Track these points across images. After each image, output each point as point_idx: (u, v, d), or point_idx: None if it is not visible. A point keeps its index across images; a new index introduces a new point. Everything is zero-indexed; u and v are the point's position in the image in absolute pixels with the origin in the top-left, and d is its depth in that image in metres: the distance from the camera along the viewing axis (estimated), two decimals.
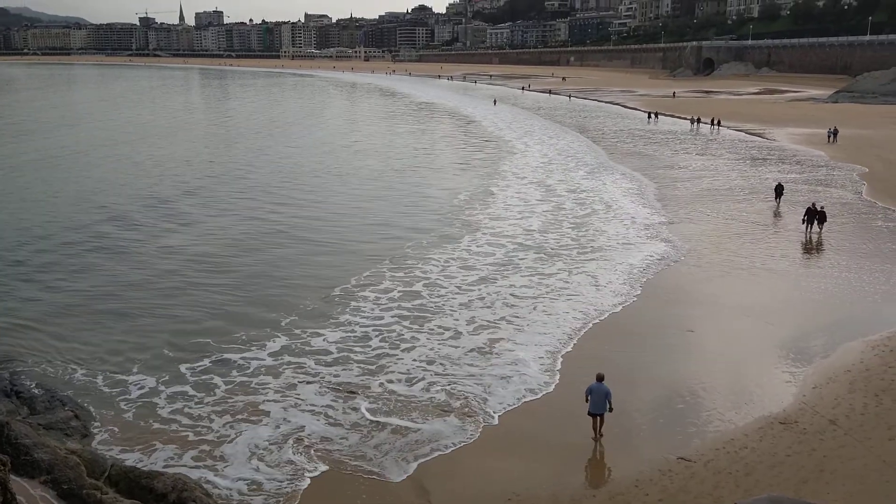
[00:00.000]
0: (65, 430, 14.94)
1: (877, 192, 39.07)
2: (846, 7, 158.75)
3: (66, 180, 45.70)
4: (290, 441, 15.00)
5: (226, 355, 19.18)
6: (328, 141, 69.09)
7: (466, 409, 16.29)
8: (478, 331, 20.91)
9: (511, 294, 23.97)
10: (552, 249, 29.44)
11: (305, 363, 18.80)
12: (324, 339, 20.33)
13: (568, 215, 35.62)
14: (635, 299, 23.36)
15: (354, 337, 20.51)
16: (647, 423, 15.68)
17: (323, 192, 42.60)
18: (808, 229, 30.42)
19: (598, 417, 14.91)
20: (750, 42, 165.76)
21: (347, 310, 22.60)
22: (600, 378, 14.95)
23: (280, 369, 18.42)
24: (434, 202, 39.39)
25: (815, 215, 30.35)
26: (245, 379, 17.89)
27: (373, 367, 18.48)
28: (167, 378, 17.86)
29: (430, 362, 18.83)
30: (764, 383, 17.30)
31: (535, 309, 22.61)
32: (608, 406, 14.78)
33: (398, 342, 20.13)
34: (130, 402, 16.66)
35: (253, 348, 19.69)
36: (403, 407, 16.44)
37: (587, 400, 14.97)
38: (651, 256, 27.89)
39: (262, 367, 18.53)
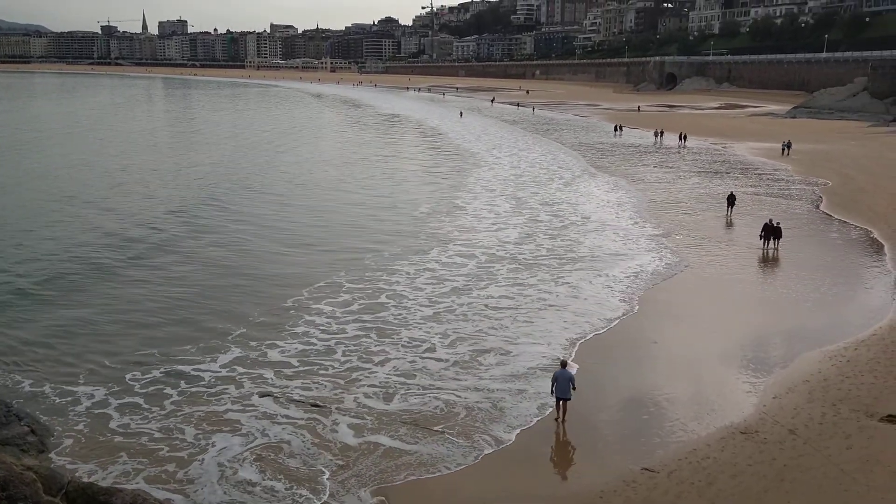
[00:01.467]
0: (21, 446, 14.57)
1: (833, 206, 39.96)
2: (803, 25, 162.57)
3: (26, 186, 44.78)
4: (255, 462, 14.57)
5: (177, 367, 18.84)
6: (291, 151, 68.74)
7: (453, 427, 15.90)
8: (455, 343, 20.59)
9: (488, 306, 23.75)
10: (525, 260, 29.38)
11: (265, 376, 18.41)
12: (280, 352, 19.83)
13: (543, 227, 35.59)
14: (620, 312, 23.29)
15: (316, 350, 20.09)
16: (613, 434, 15.82)
17: (278, 203, 42.12)
18: (766, 245, 30.85)
19: (563, 401, 16.03)
20: (711, 58, 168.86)
21: (301, 322, 22.10)
22: (564, 364, 16.39)
23: (240, 381, 18.07)
24: (398, 213, 39.13)
25: (771, 231, 30.79)
26: (198, 391, 17.55)
27: (342, 382, 18.11)
28: (117, 390, 17.54)
29: (409, 377, 18.47)
30: (725, 393, 17.55)
31: (515, 320, 22.44)
32: (572, 389, 15.93)
33: (367, 355, 19.74)
34: (84, 416, 16.30)
35: (206, 360, 19.31)
36: (385, 424, 16.06)
37: (553, 387, 16.11)
38: (626, 268, 27.96)
39: (217, 380, 18.15)
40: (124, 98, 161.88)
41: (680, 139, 73.09)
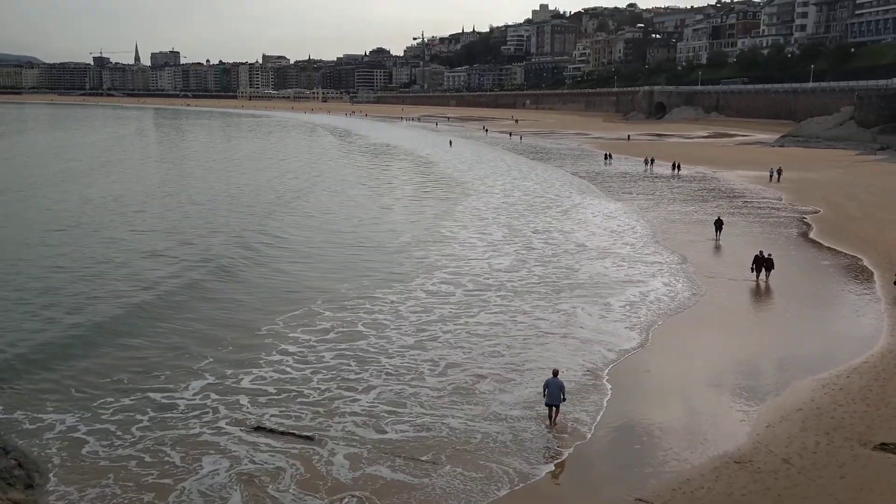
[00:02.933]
0: (7, 480, 14.36)
1: (823, 234, 40.14)
2: (789, 55, 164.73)
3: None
4: (241, 491, 14.34)
5: (150, 395, 18.59)
6: (276, 178, 68.62)
7: (445, 456, 15.66)
8: (446, 371, 20.30)
9: (475, 334, 23.52)
10: (515, 288, 29.09)
11: (241, 402, 18.14)
12: (252, 381, 19.49)
13: (536, 255, 35.31)
14: (633, 343, 23.04)
15: (291, 378, 19.78)
16: (606, 465, 15.63)
17: (259, 228, 41.82)
18: (757, 276, 30.83)
19: (555, 408, 16.89)
20: (700, 87, 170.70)
21: (276, 351, 21.76)
22: (555, 373, 17.30)
23: (215, 407, 17.84)
24: (384, 242, 38.65)
25: (763, 262, 30.76)
26: (175, 420, 17.28)
27: (321, 411, 17.77)
28: (88, 417, 17.32)
29: (399, 405, 18.17)
30: (718, 422, 17.41)
31: (510, 347, 22.18)
32: (562, 397, 16.81)
33: (349, 383, 19.41)
34: (66, 446, 16.01)
35: (179, 388, 19.03)
36: (385, 453, 15.72)
37: (544, 393, 16.94)
38: (624, 298, 27.69)
39: (192, 407, 17.90)
40: (127, 130, 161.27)
41: (673, 168, 73.37)
